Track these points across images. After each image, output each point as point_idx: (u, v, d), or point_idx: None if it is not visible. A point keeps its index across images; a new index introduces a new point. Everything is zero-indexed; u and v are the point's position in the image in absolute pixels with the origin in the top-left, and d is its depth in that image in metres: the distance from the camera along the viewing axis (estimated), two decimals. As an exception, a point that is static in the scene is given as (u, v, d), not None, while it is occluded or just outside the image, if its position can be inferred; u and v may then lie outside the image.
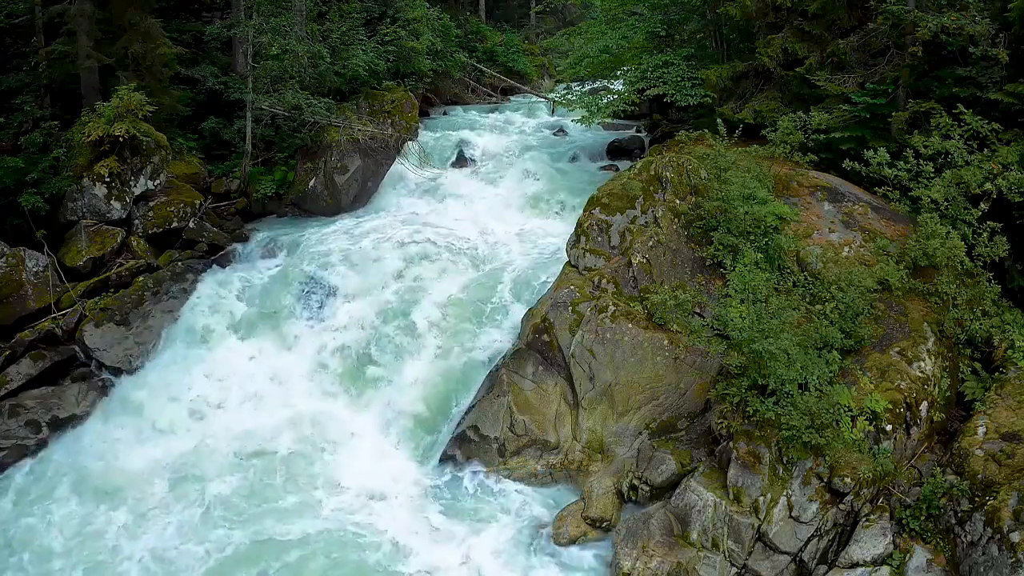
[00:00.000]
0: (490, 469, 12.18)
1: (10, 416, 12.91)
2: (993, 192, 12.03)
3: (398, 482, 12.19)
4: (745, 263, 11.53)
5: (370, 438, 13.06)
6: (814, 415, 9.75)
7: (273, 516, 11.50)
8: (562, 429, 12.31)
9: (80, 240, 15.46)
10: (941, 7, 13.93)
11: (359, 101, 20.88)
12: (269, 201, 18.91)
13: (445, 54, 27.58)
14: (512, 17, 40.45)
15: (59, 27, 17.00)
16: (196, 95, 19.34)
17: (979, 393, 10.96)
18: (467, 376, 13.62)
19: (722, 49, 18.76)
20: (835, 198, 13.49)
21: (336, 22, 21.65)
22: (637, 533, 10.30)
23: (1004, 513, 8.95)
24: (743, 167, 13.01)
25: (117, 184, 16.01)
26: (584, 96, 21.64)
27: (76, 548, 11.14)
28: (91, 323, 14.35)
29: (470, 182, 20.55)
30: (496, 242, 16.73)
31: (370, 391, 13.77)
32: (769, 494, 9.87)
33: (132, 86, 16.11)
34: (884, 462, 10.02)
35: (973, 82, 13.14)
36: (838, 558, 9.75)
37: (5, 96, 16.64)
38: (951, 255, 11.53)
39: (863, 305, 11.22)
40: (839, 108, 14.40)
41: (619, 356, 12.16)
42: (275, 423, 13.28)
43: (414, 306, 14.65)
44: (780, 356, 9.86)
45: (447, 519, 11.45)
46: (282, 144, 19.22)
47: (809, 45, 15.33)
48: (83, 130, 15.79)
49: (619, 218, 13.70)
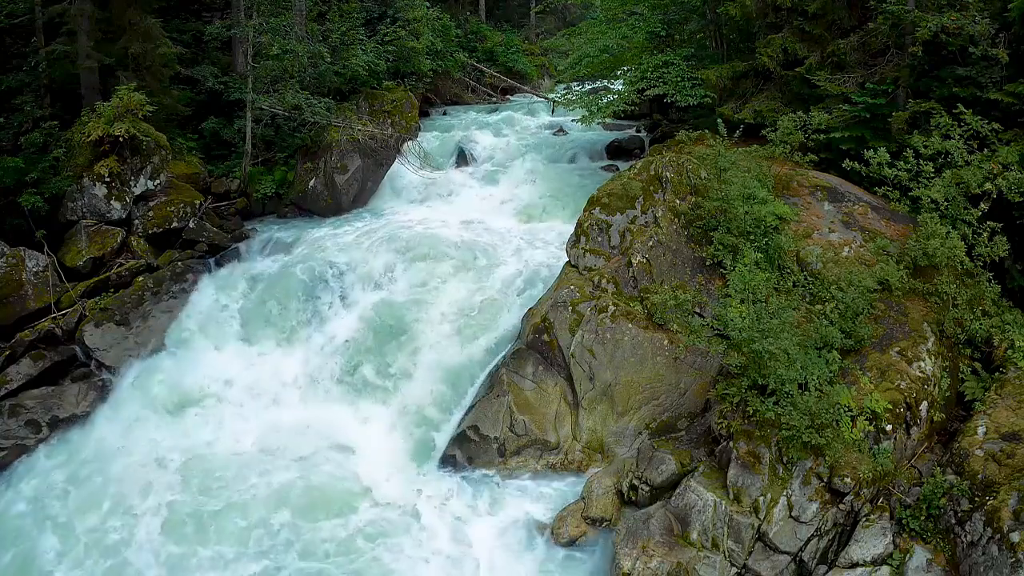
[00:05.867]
0: (490, 469, 12.17)
1: (10, 416, 12.91)
2: (993, 192, 12.03)
3: (397, 482, 12.18)
4: (745, 263, 11.52)
5: (369, 438, 13.04)
6: (814, 415, 9.74)
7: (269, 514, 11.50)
8: (562, 429, 12.32)
9: (80, 240, 15.46)
10: (941, 7, 13.90)
11: (359, 101, 20.90)
12: (269, 201, 18.93)
13: (445, 54, 27.62)
14: (512, 17, 40.46)
15: (59, 27, 17.02)
16: (196, 95, 19.35)
17: (979, 393, 10.94)
18: (467, 376, 13.62)
19: (722, 49, 18.77)
20: (835, 198, 13.49)
21: (336, 22, 21.67)
22: (637, 533, 10.29)
23: (1004, 513, 8.94)
24: (743, 167, 13.01)
25: (117, 184, 16.02)
26: (584, 96, 21.63)
27: (76, 548, 11.13)
28: (91, 323, 14.35)
29: (470, 182, 20.57)
30: (496, 242, 16.71)
31: (369, 391, 13.76)
32: (769, 494, 9.87)
33: (132, 86, 16.13)
34: (884, 462, 10.01)
35: (973, 82, 13.14)
36: (838, 558, 9.73)
37: (5, 96, 16.64)
38: (951, 255, 11.53)
39: (863, 305, 11.22)
40: (839, 108, 14.40)
41: (619, 356, 12.16)
42: (275, 424, 13.29)
43: (414, 306, 14.65)
44: (780, 356, 9.86)
45: (446, 519, 11.43)
46: (282, 144, 19.23)
47: (809, 45, 15.33)
48: (83, 130, 15.81)
49: (619, 218, 13.70)
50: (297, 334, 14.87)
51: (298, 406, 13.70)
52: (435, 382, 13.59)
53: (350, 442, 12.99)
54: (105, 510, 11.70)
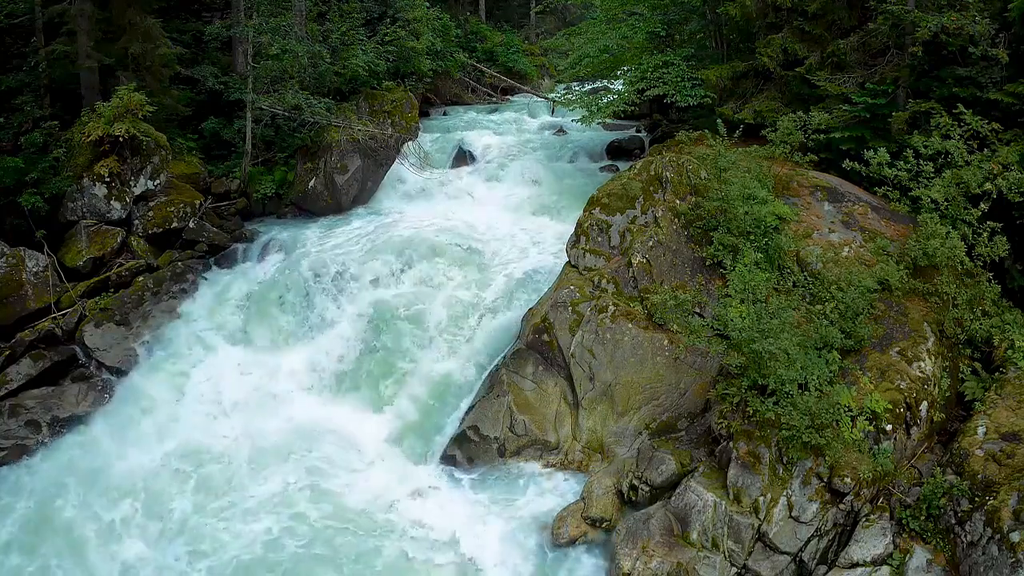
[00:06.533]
0: (490, 469, 12.17)
1: (10, 416, 12.89)
2: (993, 192, 12.02)
3: (397, 482, 12.17)
4: (745, 263, 11.53)
5: (369, 438, 13.04)
6: (814, 415, 9.75)
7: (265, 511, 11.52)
8: (562, 429, 12.32)
9: (80, 240, 15.45)
10: (941, 7, 13.91)
11: (359, 101, 20.89)
12: (269, 201, 18.92)
13: (445, 54, 27.62)
14: (512, 17, 40.47)
15: (59, 27, 17.00)
16: (196, 95, 19.34)
17: (979, 393, 10.95)
18: (467, 376, 13.63)
19: (722, 49, 18.77)
20: (835, 198, 13.49)
21: (336, 22, 21.66)
22: (637, 533, 10.29)
23: (1004, 513, 8.95)
24: (743, 167, 13.01)
25: (117, 184, 16.02)
26: (584, 96, 21.64)
27: (74, 549, 11.14)
28: (91, 323, 14.35)
29: (470, 182, 20.56)
30: (496, 242, 16.71)
31: (370, 391, 13.76)
32: (769, 494, 9.87)
33: (132, 86, 16.13)
34: (884, 462, 10.01)
35: (973, 82, 13.15)
36: (838, 558, 9.74)
37: (5, 96, 16.64)
38: (951, 255, 11.53)
39: (863, 305, 11.21)
40: (839, 108, 14.40)
41: (619, 356, 12.16)
42: (275, 424, 13.27)
43: (414, 307, 14.65)
44: (780, 356, 9.86)
45: (446, 520, 11.43)
46: (282, 144, 19.22)
47: (809, 45, 15.34)
48: (83, 130, 15.80)
49: (619, 218, 13.70)
50: (297, 334, 14.88)
51: (298, 406, 13.67)
52: (435, 382, 13.60)
53: (350, 442, 12.97)
54: (105, 511, 11.70)
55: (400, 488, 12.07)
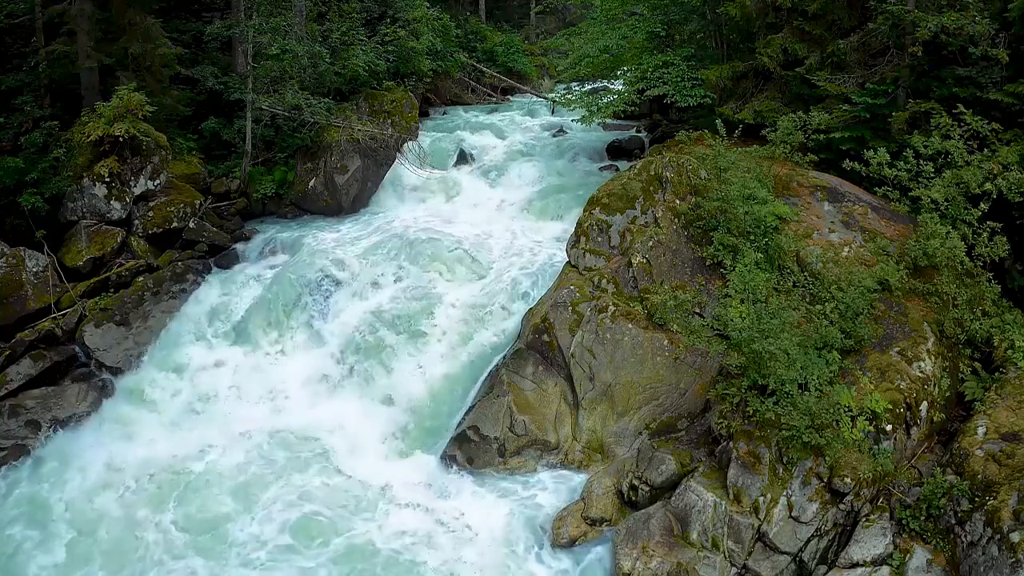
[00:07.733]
0: (490, 469, 12.17)
1: (10, 416, 12.91)
2: (993, 192, 12.02)
3: (397, 482, 12.17)
4: (745, 263, 11.52)
5: (369, 438, 13.04)
6: (814, 415, 9.75)
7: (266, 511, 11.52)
8: (562, 429, 12.31)
9: (80, 240, 15.46)
10: (941, 7, 13.91)
11: (359, 101, 20.90)
12: (269, 201, 18.93)
13: (445, 54, 27.60)
14: (512, 17, 40.46)
15: (59, 27, 17.02)
16: (196, 95, 19.35)
17: (979, 393, 10.94)
18: (467, 376, 13.62)
19: (722, 49, 18.76)
20: (835, 198, 13.49)
21: (336, 22, 21.67)
22: (637, 533, 10.29)
23: (1004, 513, 8.95)
24: (743, 167, 13.01)
25: (117, 184, 16.02)
26: (584, 96, 21.62)
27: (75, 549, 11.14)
28: (91, 323, 14.35)
29: (470, 182, 20.55)
30: (496, 242, 16.71)
31: (369, 392, 13.75)
32: (769, 494, 9.87)
33: (132, 86, 16.14)
34: (884, 462, 10.01)
35: (973, 82, 13.15)
36: (838, 558, 9.74)
37: (5, 96, 16.64)
38: (951, 255, 11.53)
39: (863, 305, 11.21)
40: (839, 108, 14.40)
41: (619, 356, 12.16)
42: (275, 425, 13.29)
43: (414, 307, 14.64)
44: (780, 356, 9.86)
45: (445, 519, 11.43)
46: (282, 144, 19.22)
47: (809, 45, 15.34)
48: (83, 130, 15.80)
49: (619, 218, 13.70)
50: (297, 334, 14.87)
51: (298, 406, 13.68)
52: (435, 382, 13.59)
53: (350, 443, 12.97)
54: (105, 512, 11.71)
55: (399, 488, 12.06)
